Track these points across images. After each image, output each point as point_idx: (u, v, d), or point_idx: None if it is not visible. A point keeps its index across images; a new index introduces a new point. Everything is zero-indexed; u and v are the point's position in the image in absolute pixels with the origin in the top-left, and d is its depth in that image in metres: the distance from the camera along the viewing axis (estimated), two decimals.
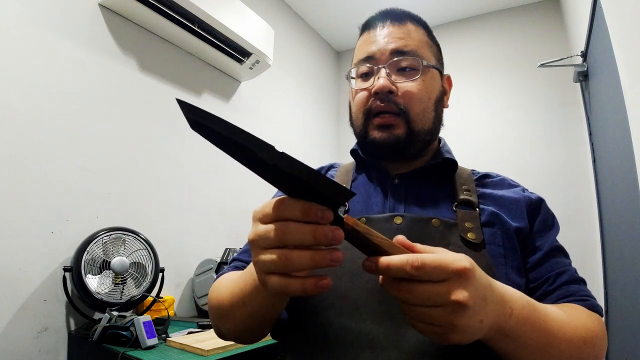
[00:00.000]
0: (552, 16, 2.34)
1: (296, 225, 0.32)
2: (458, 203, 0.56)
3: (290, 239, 0.32)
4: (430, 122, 0.59)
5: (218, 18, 1.58)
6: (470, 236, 0.51)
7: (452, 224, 0.53)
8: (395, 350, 0.45)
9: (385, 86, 0.56)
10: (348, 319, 0.48)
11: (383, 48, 0.59)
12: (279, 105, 2.35)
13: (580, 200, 2.06)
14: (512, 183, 0.63)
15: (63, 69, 1.27)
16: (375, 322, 0.47)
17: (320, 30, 2.81)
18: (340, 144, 2.94)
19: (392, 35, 0.59)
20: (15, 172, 1.13)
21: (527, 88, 2.34)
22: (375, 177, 0.63)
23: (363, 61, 0.60)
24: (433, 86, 0.60)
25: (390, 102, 0.57)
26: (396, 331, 0.46)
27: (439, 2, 2.48)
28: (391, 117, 0.57)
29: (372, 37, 0.61)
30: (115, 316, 1.07)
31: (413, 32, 0.60)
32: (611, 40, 1.11)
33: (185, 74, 1.73)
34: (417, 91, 0.57)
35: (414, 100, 0.57)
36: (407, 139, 0.57)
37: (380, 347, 0.46)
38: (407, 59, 0.58)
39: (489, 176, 0.64)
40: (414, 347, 0.45)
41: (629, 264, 1.16)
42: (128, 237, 1.23)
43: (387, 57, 0.58)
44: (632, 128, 0.99)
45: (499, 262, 0.51)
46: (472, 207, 0.55)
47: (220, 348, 0.99)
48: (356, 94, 0.61)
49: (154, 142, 1.55)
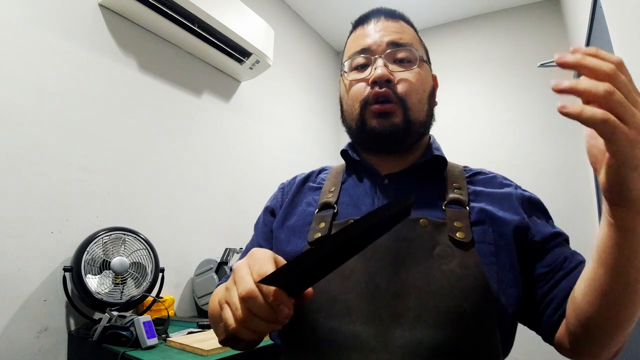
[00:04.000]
0: (552, 16, 2.34)
1: (263, 303, 0.36)
2: (447, 202, 0.55)
3: (253, 307, 0.37)
4: (424, 114, 0.60)
5: (218, 18, 1.58)
6: (460, 235, 0.51)
7: (441, 223, 0.52)
8: (385, 352, 0.45)
9: (384, 74, 0.56)
10: (338, 321, 0.48)
11: (379, 40, 0.59)
12: (279, 105, 2.35)
13: (580, 200, 2.06)
14: (504, 182, 0.61)
15: (63, 69, 1.27)
16: (364, 323, 0.47)
17: (320, 30, 2.81)
18: (340, 144, 2.94)
19: (388, 29, 0.60)
20: (15, 172, 1.13)
21: (527, 88, 2.34)
22: (365, 177, 0.62)
23: (358, 53, 0.60)
24: (427, 80, 0.61)
25: (389, 89, 0.57)
26: (385, 332, 0.46)
27: (439, 2, 2.48)
28: (389, 104, 0.57)
29: (366, 31, 0.61)
30: (115, 316, 1.07)
31: (406, 29, 0.62)
32: (611, 40, 1.11)
33: (185, 74, 1.73)
34: (415, 81, 0.58)
35: (411, 90, 0.57)
36: (405, 128, 0.57)
37: (370, 348, 0.46)
38: (403, 51, 0.59)
39: (482, 173, 0.63)
40: (402, 348, 0.45)
41: None
42: (128, 237, 1.23)
43: (383, 49, 0.59)
44: None
45: (490, 261, 0.50)
46: (462, 206, 0.55)
47: (220, 348, 0.99)
48: (351, 86, 0.61)
49: (154, 142, 1.55)
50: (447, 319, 0.45)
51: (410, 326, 0.46)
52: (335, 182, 0.64)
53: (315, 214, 0.59)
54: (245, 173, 2.00)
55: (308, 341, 0.50)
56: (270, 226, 0.65)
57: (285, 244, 0.59)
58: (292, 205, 0.64)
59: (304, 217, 0.60)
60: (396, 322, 0.46)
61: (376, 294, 0.48)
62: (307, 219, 0.60)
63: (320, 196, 0.62)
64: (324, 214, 0.58)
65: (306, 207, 0.62)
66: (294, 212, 0.63)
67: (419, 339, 0.45)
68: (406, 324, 0.46)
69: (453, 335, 0.45)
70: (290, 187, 0.68)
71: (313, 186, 0.66)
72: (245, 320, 0.36)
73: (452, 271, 0.48)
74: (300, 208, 0.63)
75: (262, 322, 0.36)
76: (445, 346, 0.45)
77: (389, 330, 0.46)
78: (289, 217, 0.63)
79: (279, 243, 0.61)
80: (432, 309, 0.46)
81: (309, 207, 0.62)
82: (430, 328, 0.45)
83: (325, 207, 0.59)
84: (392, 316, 0.46)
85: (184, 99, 1.72)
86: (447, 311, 0.46)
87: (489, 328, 0.47)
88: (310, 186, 0.66)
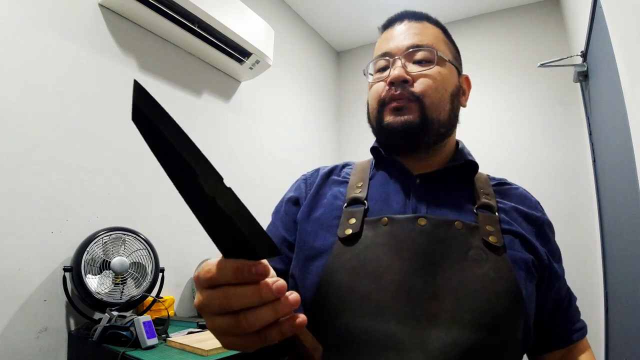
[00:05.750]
0: (552, 16, 2.34)
1: (236, 289, 0.29)
2: (478, 206, 0.56)
3: (236, 304, 0.29)
4: (446, 114, 0.59)
5: (218, 18, 1.58)
6: (492, 239, 0.52)
7: (474, 226, 0.53)
8: (420, 352, 0.45)
9: (400, 75, 0.57)
10: (371, 320, 0.48)
11: (400, 44, 0.60)
12: (279, 105, 2.35)
13: (580, 200, 2.06)
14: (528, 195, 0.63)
15: (63, 69, 1.27)
16: (399, 323, 0.47)
17: (320, 30, 2.81)
18: (340, 144, 2.94)
19: (409, 32, 0.61)
20: (15, 172, 1.13)
21: (527, 88, 2.34)
22: (395, 175, 0.62)
23: (380, 56, 0.61)
24: (449, 79, 0.60)
25: (405, 90, 0.57)
26: (420, 332, 0.46)
27: (439, 3, 2.48)
28: (404, 100, 0.57)
29: (390, 35, 0.62)
30: (115, 316, 1.07)
31: (429, 29, 0.62)
32: (611, 40, 1.11)
33: (185, 74, 1.73)
34: (432, 80, 0.58)
35: (429, 89, 0.57)
36: (421, 125, 0.56)
37: (405, 348, 0.46)
38: (422, 52, 0.59)
39: (507, 184, 0.64)
40: (439, 348, 0.45)
41: (629, 264, 1.16)
42: (128, 237, 1.23)
43: (403, 51, 0.59)
44: (632, 128, 0.99)
45: (520, 267, 0.52)
46: (491, 211, 0.56)
47: (220, 348, 0.99)
48: (372, 86, 0.62)
49: None
50: (482, 321, 0.46)
51: (445, 327, 0.46)
52: (362, 177, 0.63)
53: (344, 208, 0.58)
54: (245, 173, 2.00)
55: (340, 340, 0.49)
56: (293, 217, 0.63)
57: (313, 238, 0.58)
58: (318, 197, 0.63)
59: (331, 211, 0.59)
60: (432, 323, 0.46)
61: (411, 294, 0.48)
62: (335, 213, 0.59)
63: (347, 190, 0.62)
64: (354, 210, 0.57)
65: (333, 200, 0.61)
66: (319, 204, 0.62)
67: (455, 339, 0.45)
68: (442, 324, 0.46)
69: (486, 337, 0.46)
70: (314, 179, 0.67)
71: (338, 179, 0.65)
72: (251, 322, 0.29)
73: (486, 274, 0.49)
74: (327, 200, 0.62)
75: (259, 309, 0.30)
76: (479, 347, 0.46)
77: (425, 330, 0.46)
78: (315, 209, 0.61)
79: (306, 235, 0.59)
80: (467, 311, 0.47)
81: (335, 200, 0.61)
82: (465, 329, 0.46)
83: (355, 202, 0.58)
84: (427, 317, 0.47)
85: (184, 99, 1.72)
86: (481, 313, 0.47)
87: (517, 330, 0.49)
88: (334, 179, 0.65)
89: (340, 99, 3.03)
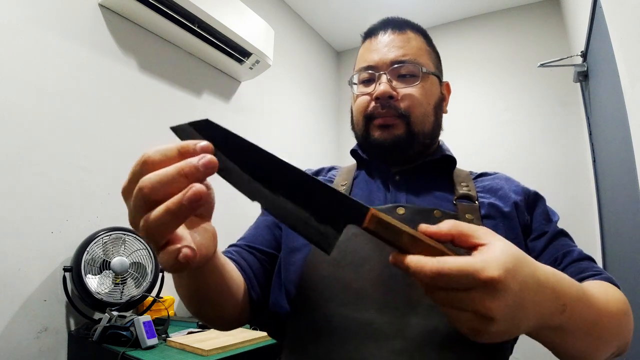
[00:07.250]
0: (552, 16, 2.34)
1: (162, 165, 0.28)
2: (458, 197, 0.57)
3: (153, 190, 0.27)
4: (430, 125, 0.61)
5: (218, 18, 1.58)
6: None
7: (453, 215, 0.54)
8: (400, 339, 0.46)
9: (386, 91, 0.58)
10: (351, 309, 0.48)
11: (384, 57, 0.60)
12: (279, 105, 2.35)
13: (580, 200, 2.05)
14: (509, 178, 0.64)
15: (63, 69, 1.27)
16: (379, 311, 0.47)
17: (320, 30, 2.81)
18: (340, 144, 2.94)
19: (393, 44, 0.61)
20: (15, 172, 1.13)
21: (527, 88, 2.34)
22: (376, 174, 0.64)
23: (364, 69, 0.62)
24: (432, 92, 0.62)
25: (391, 107, 0.58)
26: (400, 320, 0.47)
27: (439, 3, 2.48)
28: (391, 118, 0.59)
29: (373, 45, 0.63)
30: (115, 316, 1.07)
31: (413, 40, 0.62)
32: (611, 40, 1.11)
33: (185, 74, 1.73)
34: (418, 96, 0.59)
35: (414, 105, 0.59)
36: (407, 140, 0.59)
37: (385, 336, 0.46)
38: (406, 67, 0.60)
39: (486, 174, 0.65)
40: (418, 336, 0.46)
41: (629, 264, 1.16)
42: (128, 237, 1.23)
43: (387, 65, 0.60)
44: (632, 128, 0.99)
45: None
46: (471, 201, 0.57)
47: (220, 348, 0.99)
48: (357, 99, 0.63)
49: (154, 142, 1.54)
50: None
51: (425, 314, 0.46)
52: (346, 177, 0.65)
53: None
54: None
55: (321, 328, 0.49)
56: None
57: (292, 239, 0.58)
58: None
59: None
60: (412, 311, 0.47)
61: (391, 282, 0.48)
62: None
63: None
64: None
65: None
66: None
67: (435, 326, 0.46)
68: (422, 312, 0.46)
69: None
70: None
71: (324, 179, 0.67)
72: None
73: None
74: None
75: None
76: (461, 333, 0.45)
77: (404, 318, 0.47)
78: None
79: (286, 236, 0.60)
80: None
81: None
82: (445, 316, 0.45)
83: None
84: (407, 304, 0.47)
85: (184, 99, 1.72)
86: None
87: None
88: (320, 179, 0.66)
89: (340, 99, 3.03)
